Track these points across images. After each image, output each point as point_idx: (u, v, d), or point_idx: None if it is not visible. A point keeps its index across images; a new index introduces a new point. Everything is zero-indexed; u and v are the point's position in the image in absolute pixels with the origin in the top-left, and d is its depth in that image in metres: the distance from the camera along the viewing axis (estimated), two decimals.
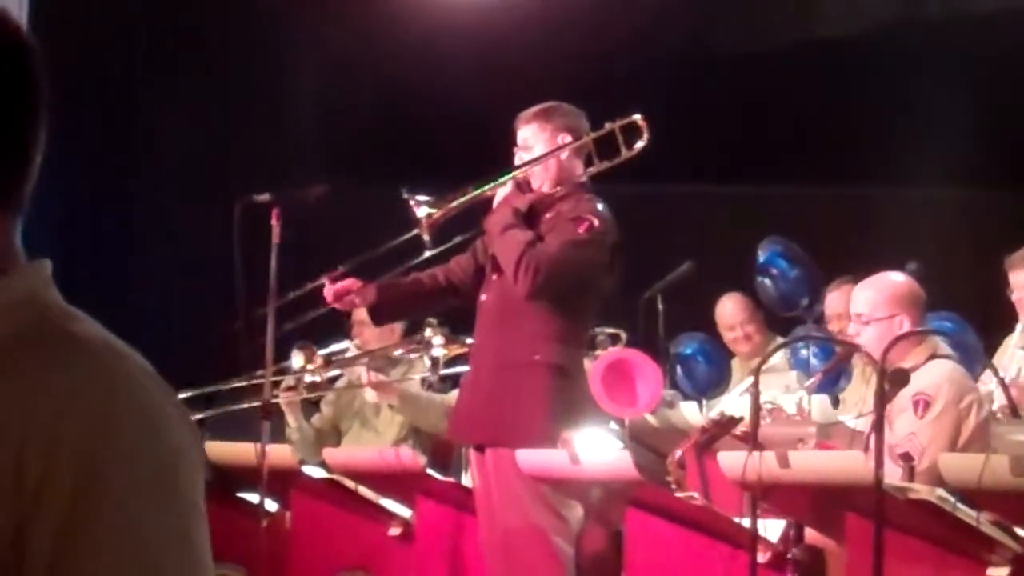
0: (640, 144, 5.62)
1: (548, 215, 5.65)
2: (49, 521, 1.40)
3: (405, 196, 5.58)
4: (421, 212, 5.57)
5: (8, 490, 1.40)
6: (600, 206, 5.63)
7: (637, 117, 5.62)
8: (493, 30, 9.14)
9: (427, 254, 5.70)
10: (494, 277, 5.67)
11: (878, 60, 9.30)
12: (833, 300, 7.20)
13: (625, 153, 5.64)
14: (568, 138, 5.66)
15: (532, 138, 5.67)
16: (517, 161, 5.70)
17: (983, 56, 8.94)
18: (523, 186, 5.68)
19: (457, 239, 5.81)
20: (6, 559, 1.40)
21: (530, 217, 5.65)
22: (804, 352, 7.45)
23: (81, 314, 1.52)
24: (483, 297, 5.73)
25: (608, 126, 5.66)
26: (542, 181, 5.69)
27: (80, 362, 1.45)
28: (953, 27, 9.20)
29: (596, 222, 5.54)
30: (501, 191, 5.65)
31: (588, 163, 5.72)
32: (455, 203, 5.61)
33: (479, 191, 5.65)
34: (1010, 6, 9.18)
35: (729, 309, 8.21)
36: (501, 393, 5.57)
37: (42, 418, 1.41)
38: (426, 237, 5.59)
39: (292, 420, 7.68)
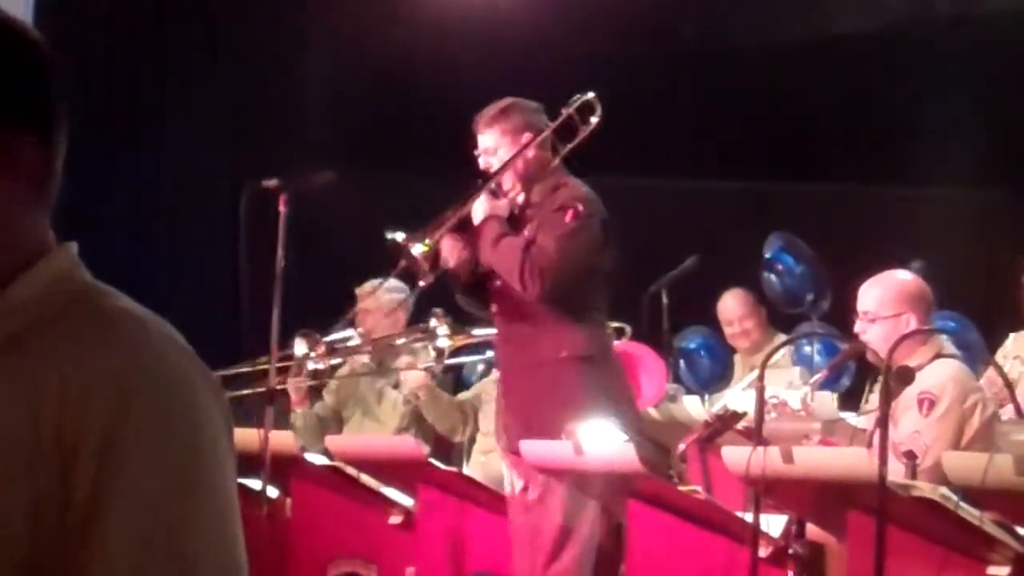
0: (595, 119, 5.62)
1: (529, 211, 5.64)
2: (84, 483, 1.50)
3: (392, 238, 5.54)
4: (416, 250, 5.54)
5: (50, 450, 1.51)
6: (581, 189, 5.61)
7: (591, 96, 5.62)
8: (501, 20, 9.14)
9: (422, 284, 5.69)
10: (497, 283, 5.66)
11: (889, 58, 9.30)
12: None
13: (584, 130, 5.63)
14: (530, 135, 5.64)
15: (495, 142, 5.64)
16: (481, 163, 5.68)
17: (993, 55, 8.94)
18: (496, 191, 5.67)
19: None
20: (54, 517, 1.50)
21: (514, 220, 5.64)
22: (807, 348, 7.46)
23: (112, 289, 1.64)
24: (494, 308, 5.72)
25: (564, 112, 5.66)
26: (513, 182, 5.67)
27: (109, 335, 1.56)
28: (964, 26, 9.20)
29: (580, 207, 5.53)
30: (477, 204, 5.63)
31: (554, 150, 5.71)
32: (443, 229, 5.59)
33: (460, 211, 5.63)
34: (1017, 5, 9.18)
35: (728, 304, 8.20)
36: (537, 395, 5.57)
37: (76, 387, 1.52)
38: (425, 268, 5.57)
39: (299, 407, 7.68)
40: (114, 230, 9.39)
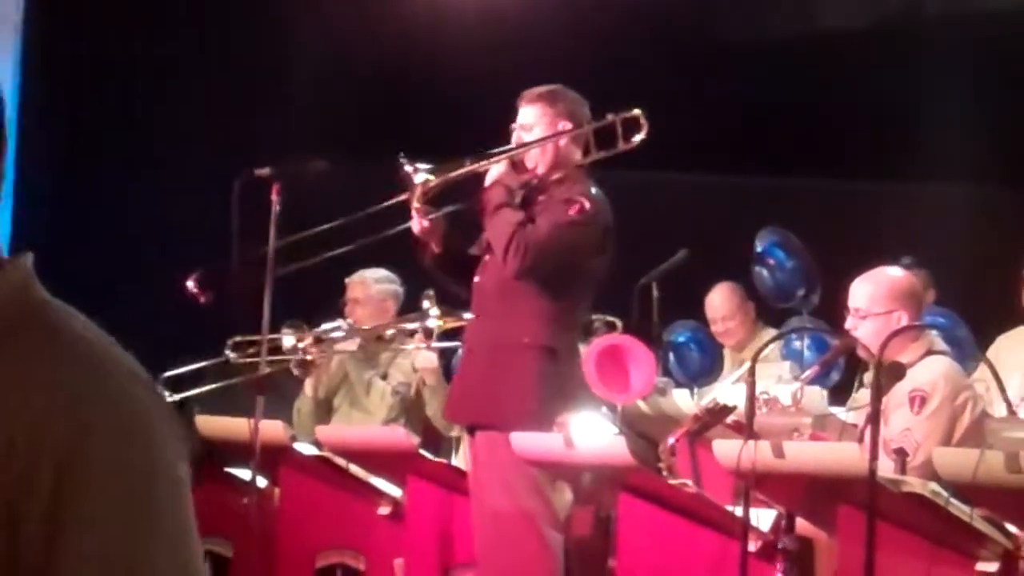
0: (638, 138, 5.60)
1: (542, 197, 5.65)
2: (37, 507, 1.44)
3: (402, 160, 5.56)
4: (419, 178, 5.55)
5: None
6: (593, 190, 5.62)
7: (638, 112, 5.60)
8: (496, 10, 9.13)
9: (411, 223, 5.66)
10: (487, 258, 5.67)
11: (880, 54, 9.31)
12: None
13: (622, 146, 5.62)
14: (568, 125, 5.66)
15: (533, 119, 5.66)
16: (514, 139, 5.69)
17: (987, 53, 8.94)
18: (518, 165, 5.68)
19: (448, 208, 5.76)
20: (3, 543, 1.44)
21: (524, 198, 5.65)
22: (797, 343, 7.46)
23: (66, 307, 1.57)
24: (477, 278, 5.73)
25: (610, 117, 5.64)
26: (537, 163, 5.68)
27: (62, 357, 1.50)
28: (958, 23, 9.21)
29: (587, 205, 5.54)
30: (495, 168, 5.64)
31: (584, 150, 5.71)
32: (452, 174, 5.60)
33: (476, 165, 5.64)
34: (1013, 3, 9.19)
35: (714, 303, 8.20)
36: (491, 374, 5.58)
37: (28, 409, 1.46)
38: (416, 204, 5.57)
39: (310, 389, 7.66)
40: (104, 219, 9.38)
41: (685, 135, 8.51)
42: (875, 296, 5.43)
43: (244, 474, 6.26)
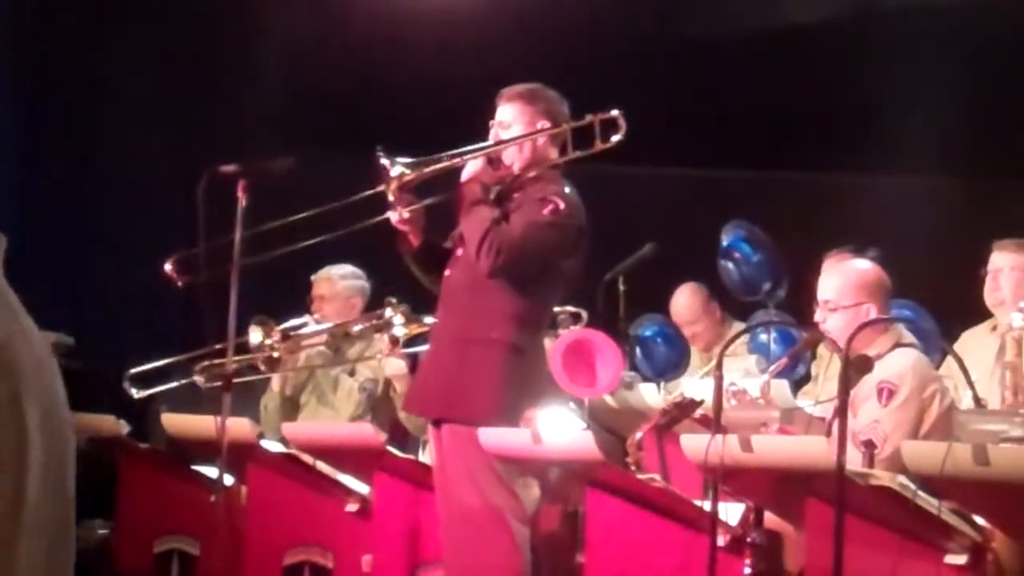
0: (616, 138, 5.59)
1: (517, 195, 5.65)
2: None
3: (379, 153, 5.54)
4: (395, 171, 5.53)
5: None
6: (568, 190, 5.63)
7: (616, 113, 5.59)
8: (461, 8, 9.12)
9: (388, 214, 5.65)
10: (459, 253, 5.67)
11: (847, 47, 9.33)
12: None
13: (600, 145, 5.62)
14: (547, 124, 5.66)
15: (512, 117, 5.67)
16: (492, 136, 5.69)
17: (945, 46, 8.97)
18: (494, 162, 5.68)
19: (428, 201, 5.74)
20: None
21: (499, 195, 5.64)
22: (763, 337, 7.48)
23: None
24: (448, 272, 5.72)
25: (588, 118, 5.63)
26: (513, 161, 5.68)
27: None
28: (922, 15, 9.23)
29: (561, 205, 5.54)
30: (471, 164, 5.63)
31: (562, 149, 5.71)
32: (429, 169, 5.58)
33: (453, 161, 5.62)
34: None
35: (678, 310, 8.18)
36: (456, 368, 5.58)
37: None
38: (391, 197, 5.55)
39: (276, 386, 7.63)
40: (67, 217, 9.34)
41: (651, 129, 8.49)
42: (844, 288, 5.44)
43: (211, 472, 6.24)
